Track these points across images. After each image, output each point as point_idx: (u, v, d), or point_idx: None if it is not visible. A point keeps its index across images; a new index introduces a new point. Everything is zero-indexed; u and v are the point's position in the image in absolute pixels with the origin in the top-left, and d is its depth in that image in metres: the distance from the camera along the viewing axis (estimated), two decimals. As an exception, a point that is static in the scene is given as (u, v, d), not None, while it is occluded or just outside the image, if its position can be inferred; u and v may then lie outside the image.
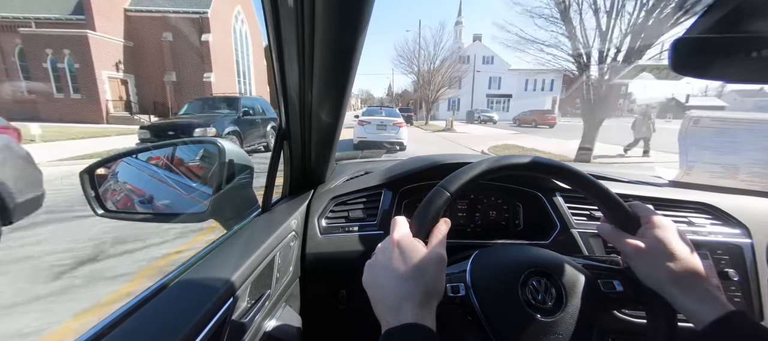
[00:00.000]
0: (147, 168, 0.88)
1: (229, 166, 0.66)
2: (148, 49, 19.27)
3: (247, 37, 25.17)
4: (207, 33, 19.50)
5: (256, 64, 26.34)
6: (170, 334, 0.34)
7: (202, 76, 19.38)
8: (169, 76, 19.30)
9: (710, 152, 0.94)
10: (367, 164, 1.23)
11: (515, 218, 0.90)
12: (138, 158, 0.88)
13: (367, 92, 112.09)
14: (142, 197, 0.85)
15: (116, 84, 18.14)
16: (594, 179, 0.47)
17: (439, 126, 21.74)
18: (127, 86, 18.91)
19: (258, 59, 26.59)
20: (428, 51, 27.00)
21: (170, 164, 0.86)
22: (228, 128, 6.70)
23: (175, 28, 19.14)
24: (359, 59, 0.54)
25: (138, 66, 19.14)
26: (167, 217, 0.84)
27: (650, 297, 0.42)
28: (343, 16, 0.46)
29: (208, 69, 19.54)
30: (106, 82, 17.20)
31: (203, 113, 7.56)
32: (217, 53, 20.02)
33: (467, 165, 0.46)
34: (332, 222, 0.80)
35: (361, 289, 0.40)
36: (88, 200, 0.71)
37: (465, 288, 0.45)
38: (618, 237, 0.45)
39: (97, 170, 0.76)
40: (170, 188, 0.82)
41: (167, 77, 19.27)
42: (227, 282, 0.44)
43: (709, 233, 0.77)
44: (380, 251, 0.41)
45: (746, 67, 0.33)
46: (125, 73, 18.52)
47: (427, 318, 0.35)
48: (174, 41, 19.28)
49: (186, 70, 19.59)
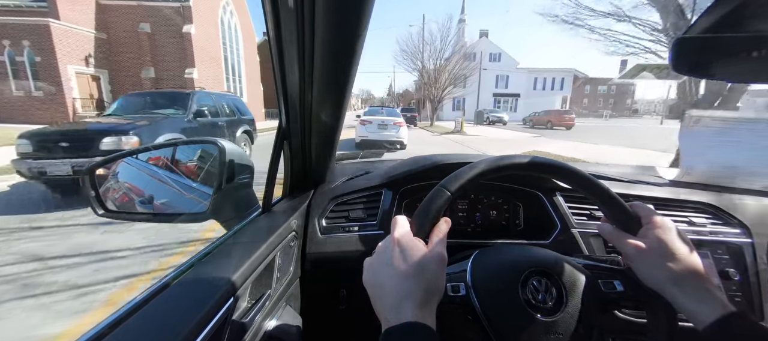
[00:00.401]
0: (147, 168, 0.88)
1: (230, 166, 0.66)
2: (123, 41, 16.82)
3: (236, 31, 22.74)
4: (189, 24, 16.97)
5: (248, 61, 24.20)
6: (171, 334, 0.34)
7: (183, 72, 16.99)
8: (147, 71, 16.83)
9: (711, 151, 0.94)
10: (367, 164, 1.23)
11: (515, 218, 0.90)
12: (138, 158, 0.88)
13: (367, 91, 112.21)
14: (142, 198, 0.85)
15: (86, 80, 15.65)
16: (595, 180, 0.47)
17: (446, 128, 19.78)
18: (100, 82, 16.51)
19: (250, 55, 24.49)
20: (434, 46, 24.38)
21: (170, 164, 0.86)
22: (166, 135, 4.55)
23: (154, 19, 16.89)
24: (359, 60, 0.54)
25: (112, 60, 16.66)
26: (167, 217, 0.84)
27: (651, 298, 0.42)
28: (343, 17, 0.46)
29: (191, 64, 17.12)
30: (73, 78, 14.84)
31: (139, 112, 5.29)
32: (201, 47, 17.75)
33: (468, 165, 0.46)
34: (332, 222, 0.80)
35: (361, 289, 0.40)
36: (89, 200, 0.71)
37: (465, 288, 0.45)
38: (619, 238, 0.45)
39: (97, 171, 0.76)
40: (170, 189, 0.82)
41: (145, 73, 16.73)
42: (228, 281, 0.44)
43: (710, 233, 0.77)
44: (381, 250, 0.41)
45: (747, 67, 0.33)
46: (97, 69, 16.07)
47: (427, 317, 0.35)
48: (153, 33, 16.95)
49: (166, 65, 17.20)
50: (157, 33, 16.99)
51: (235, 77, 22.58)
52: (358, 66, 0.56)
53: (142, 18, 16.89)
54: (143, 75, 16.72)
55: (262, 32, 36.95)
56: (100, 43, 16.25)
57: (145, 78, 16.71)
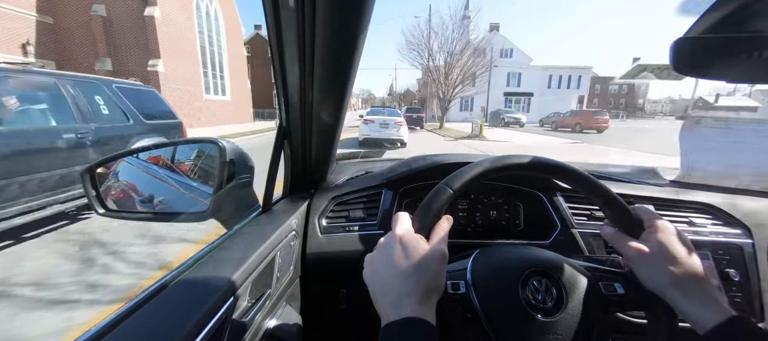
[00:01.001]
0: (148, 168, 0.88)
1: (230, 165, 0.66)
2: (73, 27, 13.69)
3: (217, 19, 18.98)
4: (152, 6, 13.86)
5: (233, 55, 20.58)
6: (171, 333, 0.34)
7: (147, 64, 13.98)
8: (102, 63, 13.73)
9: (711, 152, 0.94)
10: (367, 163, 1.23)
11: (516, 217, 0.90)
12: (138, 158, 0.88)
13: (367, 91, 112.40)
14: (142, 197, 0.85)
15: (22, 74, 12.54)
16: (598, 181, 0.47)
17: (459, 131, 17.13)
18: (45, 76, 13.42)
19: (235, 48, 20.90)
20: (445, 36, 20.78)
21: (171, 164, 0.86)
22: None
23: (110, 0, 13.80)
24: (360, 60, 0.55)
25: (60, 50, 13.51)
26: (168, 216, 0.84)
27: (652, 301, 0.42)
28: (344, 17, 0.46)
29: (155, 54, 14.03)
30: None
31: None
32: (168, 34, 14.52)
33: (470, 164, 0.46)
34: (333, 222, 0.80)
35: (361, 289, 0.40)
36: (89, 200, 0.71)
37: (465, 286, 0.46)
38: (621, 240, 0.45)
39: (97, 170, 0.77)
40: (171, 188, 0.82)
41: (100, 65, 13.61)
42: (228, 281, 0.44)
43: (710, 234, 0.76)
44: (382, 246, 0.41)
45: (747, 67, 0.33)
46: (40, 59, 12.21)
47: (427, 314, 0.35)
48: (109, 17, 13.86)
49: (126, 55, 14.17)
50: (115, 17, 13.91)
51: (216, 72, 19.02)
52: (358, 65, 0.56)
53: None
54: (98, 67, 13.62)
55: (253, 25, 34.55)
56: (44, 29, 13.09)
57: (101, 71, 13.48)
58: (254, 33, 33.37)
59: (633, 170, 1.13)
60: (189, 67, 16.06)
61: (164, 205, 0.83)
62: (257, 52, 32.22)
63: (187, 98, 15.60)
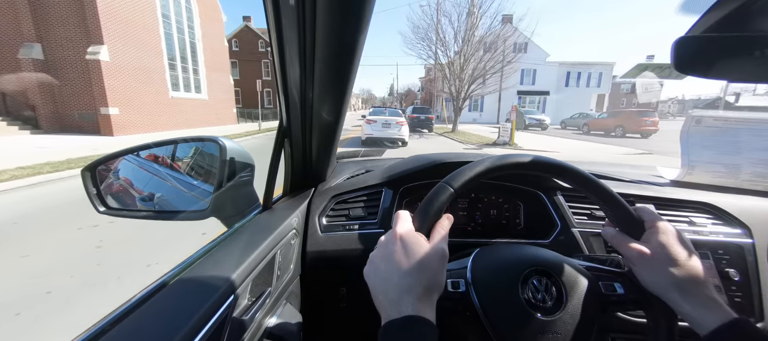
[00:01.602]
0: (148, 166, 0.88)
1: (231, 164, 0.66)
2: None
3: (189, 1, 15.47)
4: None
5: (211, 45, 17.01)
6: (171, 331, 0.34)
7: (86, 52, 10.77)
8: (29, 50, 10.59)
9: (712, 151, 0.93)
10: (367, 162, 1.23)
11: (516, 217, 0.90)
12: (139, 156, 0.88)
13: (368, 91, 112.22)
14: (143, 195, 0.85)
15: None
16: (599, 181, 0.47)
17: (476, 135, 14.49)
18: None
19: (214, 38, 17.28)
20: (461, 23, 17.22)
21: (171, 162, 0.86)
22: None
23: None
24: (360, 58, 0.55)
25: None
26: (168, 215, 0.84)
27: (652, 302, 0.42)
28: (344, 16, 0.46)
29: (97, 39, 10.83)
30: None
31: None
32: (113, 13, 11.20)
33: (471, 163, 0.46)
34: (333, 220, 0.80)
35: (361, 287, 0.40)
36: (90, 198, 0.71)
37: (465, 285, 0.46)
38: (622, 241, 0.45)
39: (98, 168, 0.77)
40: (171, 186, 0.82)
41: (25, 52, 10.56)
42: (228, 279, 0.44)
43: (711, 233, 0.76)
44: (382, 244, 0.41)
45: (749, 67, 0.33)
46: None
47: (427, 312, 0.35)
48: None
49: (60, 39, 10.99)
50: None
51: (188, 65, 15.47)
52: (359, 63, 0.56)
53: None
54: (23, 55, 10.55)
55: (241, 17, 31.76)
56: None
57: (27, 59, 10.58)
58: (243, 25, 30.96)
59: (633, 170, 1.13)
60: (144, 55, 12.71)
61: (165, 203, 0.83)
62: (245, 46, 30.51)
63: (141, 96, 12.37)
